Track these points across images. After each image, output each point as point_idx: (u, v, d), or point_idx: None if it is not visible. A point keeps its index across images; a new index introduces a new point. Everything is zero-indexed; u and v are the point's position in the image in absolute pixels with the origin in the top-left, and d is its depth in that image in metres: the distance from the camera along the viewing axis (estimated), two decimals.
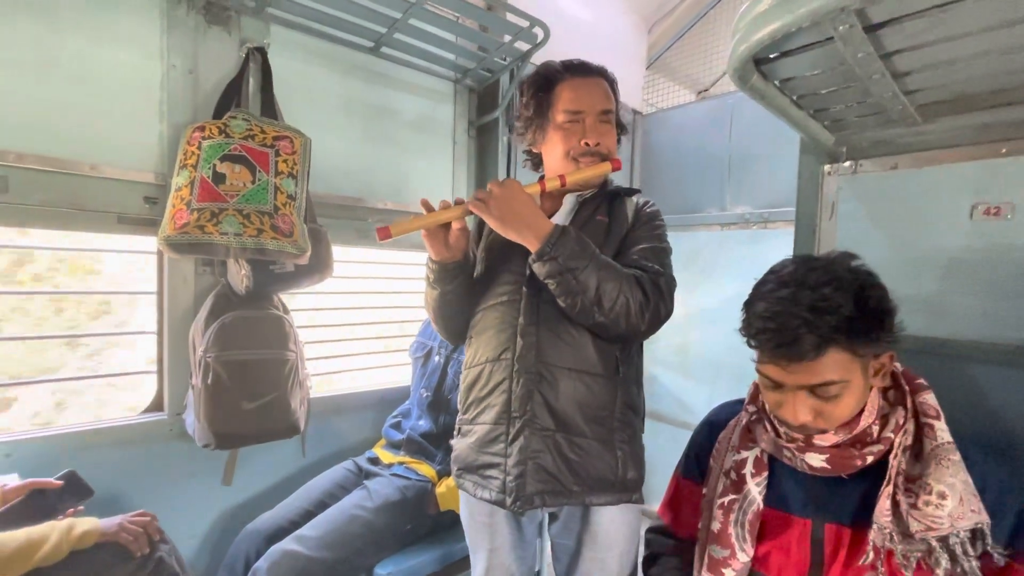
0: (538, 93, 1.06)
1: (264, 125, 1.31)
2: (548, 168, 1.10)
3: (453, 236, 0.98)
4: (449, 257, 1.00)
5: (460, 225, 0.98)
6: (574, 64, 1.07)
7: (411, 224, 0.94)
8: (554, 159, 1.06)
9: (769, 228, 2.10)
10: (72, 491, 1.10)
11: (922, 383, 0.81)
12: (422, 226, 0.95)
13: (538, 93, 1.06)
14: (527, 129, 1.09)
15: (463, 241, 1.00)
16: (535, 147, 1.12)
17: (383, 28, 1.55)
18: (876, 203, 1.03)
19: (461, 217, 0.97)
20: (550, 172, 1.09)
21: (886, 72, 0.71)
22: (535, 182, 1.00)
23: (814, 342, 0.71)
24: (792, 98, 0.87)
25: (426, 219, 0.95)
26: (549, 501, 0.95)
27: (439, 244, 0.98)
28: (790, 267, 0.79)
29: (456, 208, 0.96)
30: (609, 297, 0.90)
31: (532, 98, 1.07)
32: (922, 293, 0.97)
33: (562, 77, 1.05)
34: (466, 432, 1.05)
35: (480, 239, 1.13)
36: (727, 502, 0.90)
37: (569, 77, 1.05)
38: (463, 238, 1.00)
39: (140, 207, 1.32)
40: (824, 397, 0.75)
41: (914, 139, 0.96)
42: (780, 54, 0.73)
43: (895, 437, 0.77)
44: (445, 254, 0.99)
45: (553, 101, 1.04)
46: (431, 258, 1.02)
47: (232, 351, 1.28)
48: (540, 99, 1.05)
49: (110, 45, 1.28)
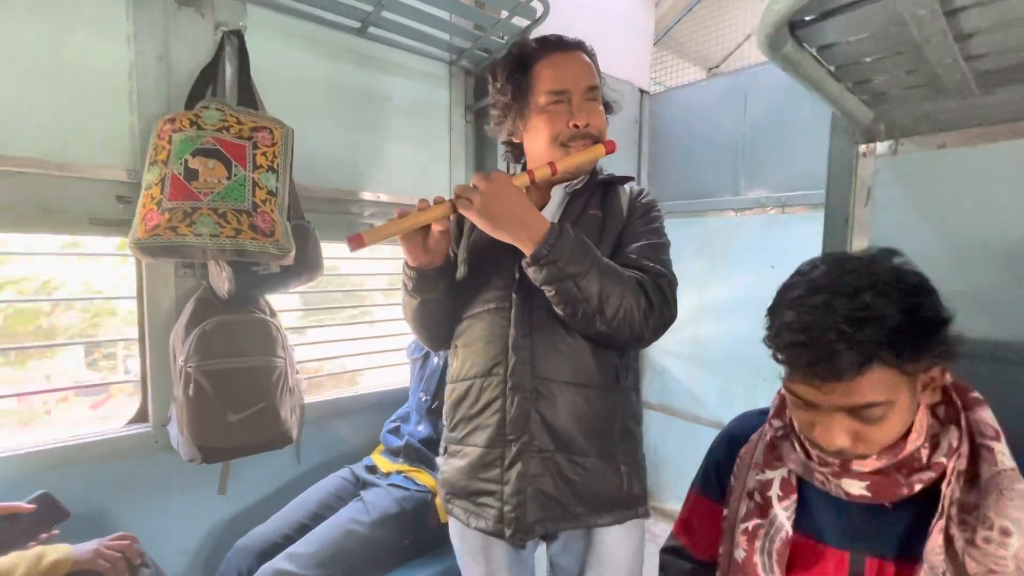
0: (514, 75, 0.94)
1: (240, 115, 1.20)
2: (532, 158, 0.99)
3: (433, 239, 0.88)
4: (429, 263, 0.90)
5: (441, 227, 0.87)
6: (550, 40, 0.95)
7: (387, 229, 0.83)
8: (539, 147, 0.95)
9: (787, 213, 1.98)
10: (46, 514, 1.03)
11: (977, 397, 0.70)
12: (400, 231, 0.84)
13: (514, 75, 0.94)
14: (505, 117, 0.98)
15: (444, 244, 0.90)
16: (515, 137, 1.00)
17: (370, 6, 1.43)
18: (920, 187, 0.92)
19: (443, 218, 0.85)
20: (535, 162, 0.97)
21: (948, 32, 0.60)
22: (523, 172, 0.89)
23: (854, 359, 0.60)
24: (830, 69, 0.76)
25: (403, 222, 0.84)
26: (551, 527, 0.88)
27: (417, 248, 0.88)
28: (821, 268, 0.68)
29: (437, 208, 0.84)
30: (612, 305, 0.81)
31: (508, 82, 0.95)
32: (975, 290, 0.86)
33: (539, 55, 0.94)
34: (455, 453, 0.96)
35: (461, 237, 1.02)
36: (751, 527, 0.81)
37: (547, 54, 0.94)
38: (444, 241, 0.89)
39: (113, 207, 1.23)
40: (865, 419, 0.65)
41: (967, 113, 0.84)
42: (821, 15, 0.62)
43: (948, 462, 0.67)
44: (424, 259, 0.89)
45: (532, 82, 0.93)
46: (408, 264, 0.92)
47: (214, 359, 1.20)
48: (517, 82, 0.94)
49: (72, 31, 1.18)
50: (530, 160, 1.00)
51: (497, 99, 0.98)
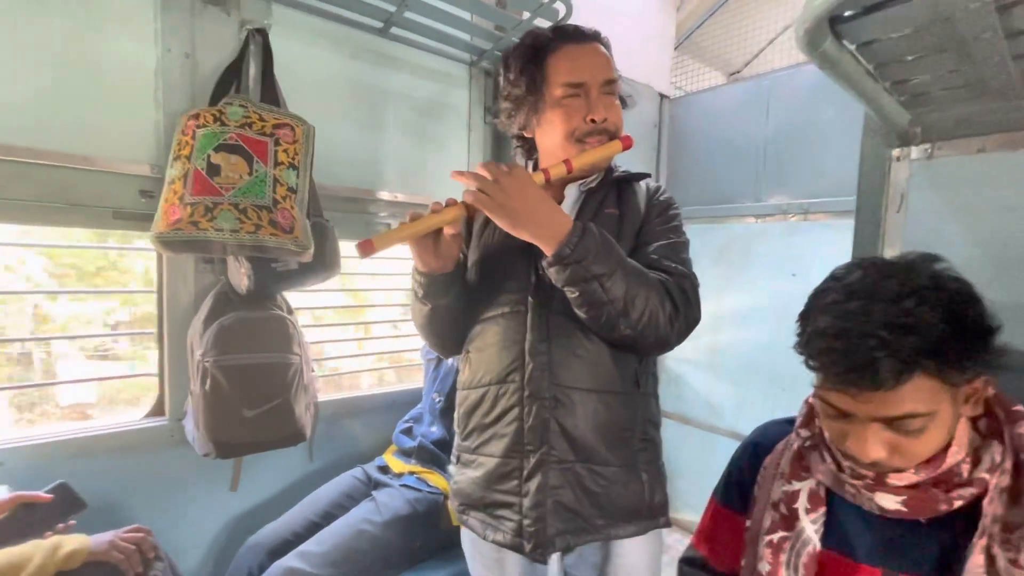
0: (528, 66, 0.89)
1: (263, 112, 1.21)
2: (545, 154, 0.95)
3: (445, 243, 0.84)
4: (440, 268, 0.86)
5: (453, 230, 0.83)
6: (567, 30, 0.91)
7: (398, 234, 0.80)
8: (553, 142, 0.90)
9: (810, 220, 1.94)
10: (63, 505, 1.03)
11: (1020, 410, 0.67)
12: (411, 235, 0.81)
13: (528, 66, 0.89)
14: (517, 110, 0.93)
15: (455, 248, 0.86)
16: (527, 131, 0.96)
17: (392, 6, 1.43)
18: (957, 193, 0.88)
19: (456, 220, 0.82)
20: (548, 158, 0.93)
21: (999, 29, 0.57)
22: (539, 171, 0.85)
23: (894, 367, 0.57)
24: (869, 67, 0.73)
25: (416, 226, 0.80)
26: (572, 541, 0.85)
27: (428, 253, 0.84)
28: (857, 273, 0.65)
29: (450, 210, 0.81)
30: (637, 308, 0.78)
31: (522, 73, 0.90)
32: (1019, 300, 0.82)
33: (555, 45, 0.89)
34: (468, 463, 0.93)
35: (471, 237, 0.99)
36: (777, 539, 0.78)
37: (563, 45, 0.89)
38: (455, 245, 0.86)
39: (136, 201, 1.25)
40: (903, 431, 0.62)
41: (1009, 115, 0.80)
42: (864, 9, 0.59)
43: (991, 478, 0.64)
44: (435, 264, 0.85)
45: (548, 74, 0.88)
46: (418, 270, 0.88)
47: (232, 355, 1.20)
48: (531, 73, 0.89)
49: (101, 30, 1.20)
50: (543, 155, 0.96)
51: (510, 91, 0.94)
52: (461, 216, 0.82)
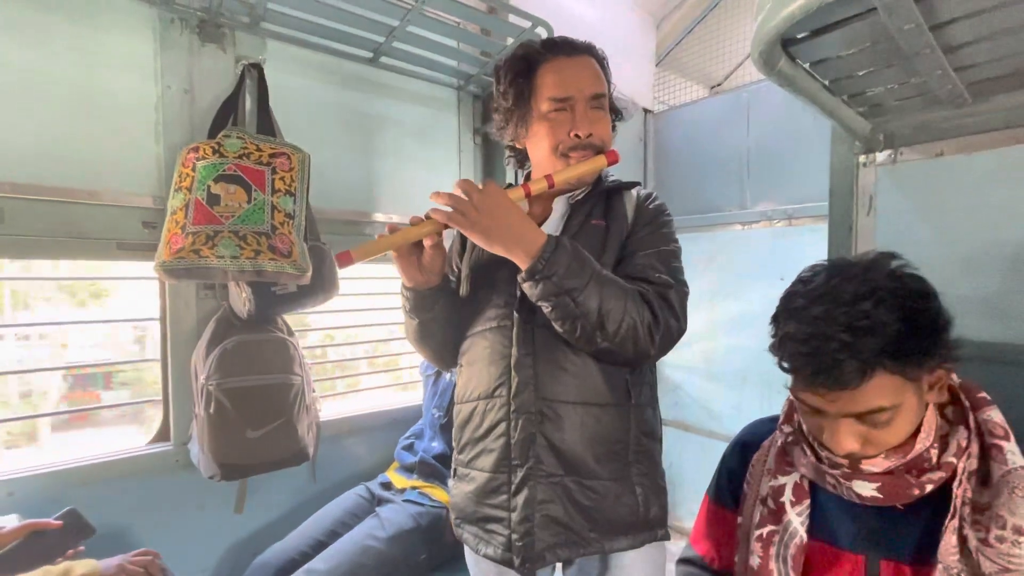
0: (517, 79, 0.91)
1: (260, 142, 1.26)
2: (536, 164, 0.96)
3: (427, 256, 0.85)
4: (424, 282, 0.88)
5: (433, 242, 0.84)
6: (557, 42, 0.92)
7: (376, 246, 0.80)
8: (541, 155, 0.92)
9: (794, 225, 2.00)
10: (73, 530, 1.05)
11: (985, 397, 0.71)
12: (390, 247, 0.82)
13: (517, 79, 0.91)
14: (507, 122, 0.94)
15: (439, 261, 0.87)
16: (518, 142, 0.97)
17: (381, 37, 1.50)
18: (921, 195, 0.93)
19: (435, 233, 0.83)
20: (539, 170, 0.94)
21: (936, 46, 0.62)
22: (518, 187, 0.86)
23: (857, 368, 0.61)
24: (824, 83, 0.78)
25: (393, 238, 0.82)
26: (562, 554, 0.84)
27: (411, 267, 0.86)
28: (821, 276, 0.69)
29: (428, 223, 0.82)
30: (614, 320, 0.78)
31: (511, 85, 0.91)
32: (981, 292, 0.87)
33: (544, 58, 0.90)
34: (463, 476, 0.94)
35: (464, 253, 1.00)
36: (766, 533, 0.81)
37: (552, 58, 0.90)
38: (439, 257, 0.87)
39: (139, 232, 1.29)
40: (872, 423, 0.65)
41: (962, 122, 0.86)
42: (811, 32, 0.65)
43: (958, 462, 0.67)
44: (420, 278, 0.87)
45: (535, 87, 0.89)
46: (404, 284, 0.90)
47: (234, 377, 1.23)
48: (520, 86, 0.90)
49: (104, 69, 1.25)
50: (534, 167, 0.97)
51: (499, 103, 0.95)
52: (439, 229, 0.83)
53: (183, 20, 1.34)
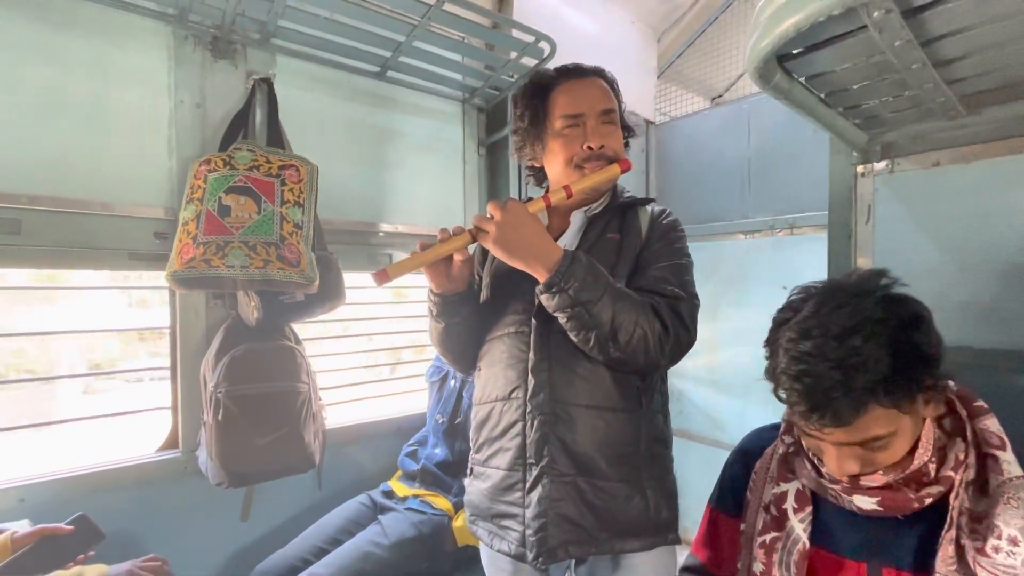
0: (532, 102, 0.99)
1: (270, 155, 1.30)
2: (552, 181, 1.02)
3: (456, 268, 0.92)
4: (452, 289, 0.93)
5: (463, 256, 0.91)
6: (568, 68, 1.00)
7: (411, 262, 0.87)
8: (557, 170, 0.98)
9: (796, 234, 2.01)
10: (83, 536, 1.07)
11: (982, 406, 0.71)
12: (422, 263, 0.88)
13: (532, 102, 0.99)
14: (525, 143, 1.02)
15: (466, 271, 0.94)
16: (536, 161, 1.04)
17: (388, 52, 1.54)
18: (918, 204, 0.95)
19: (463, 247, 0.89)
20: (555, 185, 1.00)
21: (927, 61, 0.64)
22: (539, 198, 0.92)
23: (850, 405, 0.61)
24: (820, 96, 0.80)
25: (425, 255, 0.88)
26: (574, 552, 0.87)
27: (441, 276, 0.92)
28: (811, 305, 0.68)
29: (457, 239, 0.88)
30: (625, 331, 0.82)
31: (527, 108, 0.99)
32: (978, 300, 0.87)
33: (556, 82, 0.98)
34: (479, 475, 0.98)
35: (486, 262, 1.06)
36: (769, 540, 0.82)
37: (564, 81, 0.98)
38: (466, 268, 0.93)
39: (151, 243, 1.32)
40: (870, 448, 0.66)
41: (957, 133, 0.87)
42: (805, 48, 0.67)
43: (956, 475, 0.68)
44: (448, 286, 0.93)
45: (549, 108, 0.97)
46: (432, 291, 0.96)
47: (243, 385, 1.25)
48: (535, 108, 0.98)
49: (119, 85, 1.29)
50: (552, 181, 1.03)
51: (517, 125, 1.02)
52: (467, 244, 0.89)
53: (196, 37, 1.38)
